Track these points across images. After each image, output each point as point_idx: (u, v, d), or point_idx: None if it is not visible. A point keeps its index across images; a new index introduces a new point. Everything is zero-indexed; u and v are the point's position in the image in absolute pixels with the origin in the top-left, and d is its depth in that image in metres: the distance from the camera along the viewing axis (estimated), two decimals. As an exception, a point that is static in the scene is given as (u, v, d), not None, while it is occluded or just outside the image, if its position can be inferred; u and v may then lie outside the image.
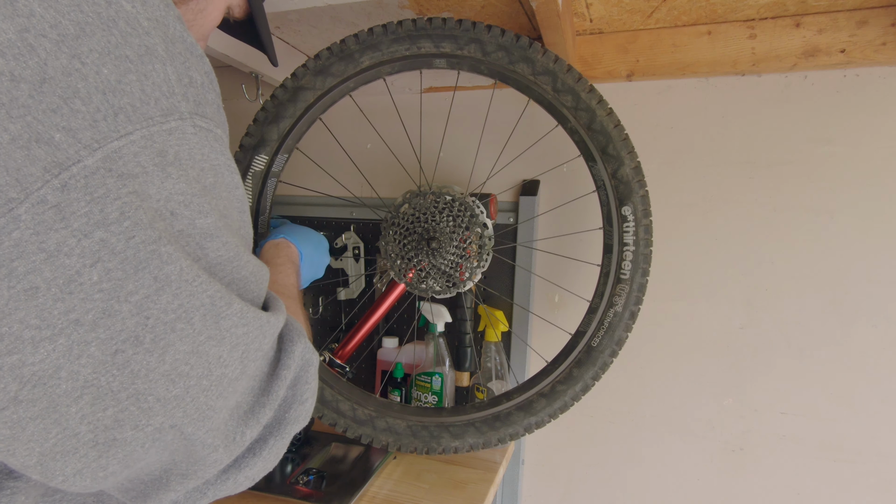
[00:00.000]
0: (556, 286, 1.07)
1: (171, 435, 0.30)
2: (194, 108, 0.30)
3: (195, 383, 0.29)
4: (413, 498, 0.85)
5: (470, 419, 0.86)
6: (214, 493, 0.36)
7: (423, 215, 0.87)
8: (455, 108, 1.12)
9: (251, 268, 0.34)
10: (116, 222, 0.25)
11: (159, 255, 0.26)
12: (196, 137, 0.29)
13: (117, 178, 0.25)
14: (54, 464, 0.27)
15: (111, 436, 0.28)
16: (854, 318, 0.89)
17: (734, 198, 0.94)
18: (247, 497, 0.85)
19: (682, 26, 0.90)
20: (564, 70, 0.78)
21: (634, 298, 0.80)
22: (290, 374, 0.38)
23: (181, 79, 0.29)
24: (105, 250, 0.25)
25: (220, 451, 0.33)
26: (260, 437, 0.37)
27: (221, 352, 0.30)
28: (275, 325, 0.35)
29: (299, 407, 0.39)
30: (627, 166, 0.78)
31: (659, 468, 1.02)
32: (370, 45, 0.82)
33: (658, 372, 1.01)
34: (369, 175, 1.21)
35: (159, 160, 0.27)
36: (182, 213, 0.28)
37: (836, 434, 0.91)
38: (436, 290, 0.88)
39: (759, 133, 0.92)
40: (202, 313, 0.29)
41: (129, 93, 0.26)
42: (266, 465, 0.38)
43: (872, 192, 0.87)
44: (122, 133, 0.25)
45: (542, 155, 1.05)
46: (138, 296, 0.26)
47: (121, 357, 0.26)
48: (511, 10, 0.84)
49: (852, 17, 0.81)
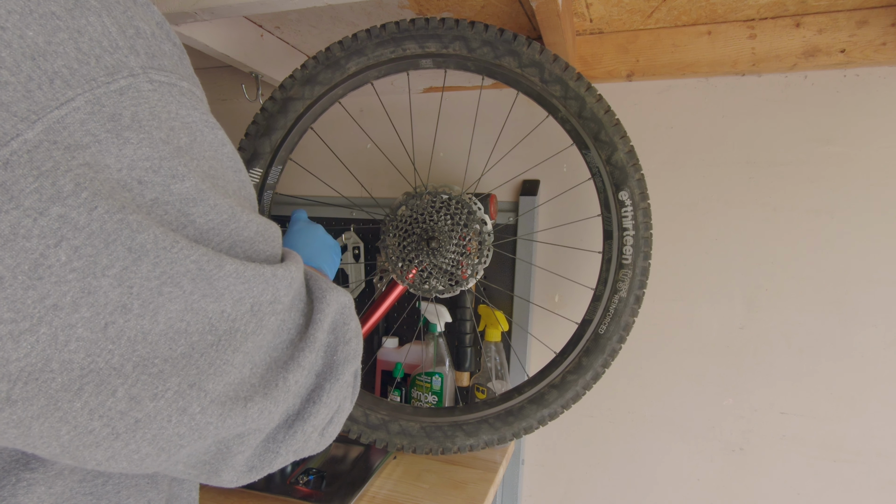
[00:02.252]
0: (557, 276, 1.07)
1: (194, 397, 0.28)
2: (147, 62, 0.27)
3: (199, 339, 0.28)
4: (413, 498, 0.85)
5: (483, 416, 0.86)
6: (287, 448, 0.36)
7: (421, 216, 0.87)
8: (454, 108, 1.12)
9: (255, 227, 0.32)
10: (73, 195, 0.23)
11: (128, 224, 0.24)
12: (156, 94, 0.27)
13: (64, 149, 0.23)
14: (81, 454, 0.26)
15: (131, 419, 0.26)
16: (854, 318, 0.89)
17: (734, 198, 0.94)
18: (247, 497, 0.85)
19: (682, 26, 0.90)
20: (550, 60, 0.78)
21: (638, 283, 0.79)
22: (324, 318, 0.37)
23: (124, 30, 0.26)
24: (67, 227, 0.23)
25: (260, 399, 0.31)
26: (315, 386, 0.37)
27: (223, 307, 0.28)
28: (285, 277, 0.33)
29: (345, 347, 0.39)
30: (621, 151, 0.78)
31: (659, 468, 1.02)
32: (355, 51, 0.82)
33: (658, 372, 1.01)
34: (370, 175, 1.21)
35: (112, 125, 0.24)
36: (152, 180, 0.26)
37: (836, 434, 0.91)
38: (439, 289, 0.88)
39: (759, 133, 0.92)
40: (190, 278, 0.27)
41: (62, 54, 0.23)
42: (329, 412, 0.38)
43: (872, 192, 0.87)
44: (61, 101, 0.23)
45: (542, 155, 1.05)
46: (115, 268, 0.24)
47: (112, 329, 0.25)
48: (511, 10, 0.84)
49: (852, 17, 0.81)
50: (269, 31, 0.98)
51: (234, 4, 0.71)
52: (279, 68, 1.04)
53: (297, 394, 0.35)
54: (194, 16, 0.74)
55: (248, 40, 0.95)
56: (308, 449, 0.38)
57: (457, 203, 0.86)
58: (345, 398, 0.40)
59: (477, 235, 0.86)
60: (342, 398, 0.39)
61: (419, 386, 1.07)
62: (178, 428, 0.28)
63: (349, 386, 0.41)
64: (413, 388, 1.08)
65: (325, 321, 0.37)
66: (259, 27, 0.96)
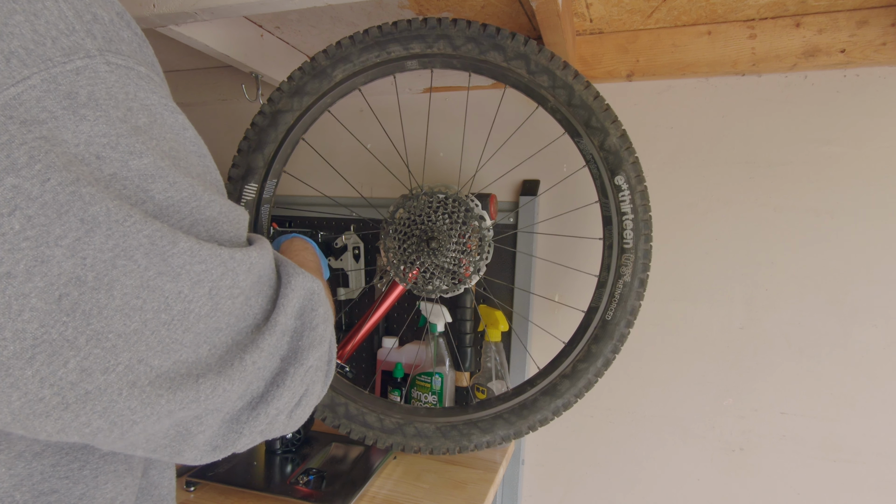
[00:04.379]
0: (559, 271, 1.07)
1: (143, 372, 0.29)
2: (104, 45, 0.28)
3: (152, 317, 0.28)
4: (413, 498, 0.85)
5: (497, 411, 0.86)
6: (251, 429, 0.36)
7: (419, 217, 0.87)
8: (455, 108, 1.12)
9: (218, 208, 0.33)
10: (27, 166, 0.24)
11: (81, 197, 0.25)
12: (113, 76, 0.28)
13: (20, 124, 0.24)
14: (31, 423, 0.27)
15: (82, 390, 0.27)
16: (854, 318, 0.89)
17: (734, 198, 0.94)
18: (247, 497, 0.85)
19: (682, 26, 0.90)
20: (536, 51, 0.78)
21: (641, 266, 0.79)
22: (289, 303, 0.38)
23: (81, 16, 0.27)
24: (20, 196, 0.24)
25: (213, 377, 0.32)
26: (280, 370, 0.37)
27: (181, 287, 0.29)
28: (244, 261, 0.34)
29: (311, 333, 0.39)
30: (613, 136, 0.78)
31: (659, 468, 1.02)
32: (341, 58, 0.82)
33: (658, 372, 1.01)
34: (371, 175, 1.21)
35: (68, 102, 0.26)
36: (110, 155, 0.27)
37: (836, 434, 0.91)
38: (442, 289, 0.87)
39: (759, 133, 0.92)
40: (143, 252, 0.27)
41: (18, 35, 0.25)
42: (295, 396, 0.38)
43: (872, 192, 0.87)
44: (17, 79, 0.24)
45: (542, 154, 1.05)
46: (68, 239, 0.25)
47: (67, 301, 0.25)
48: (511, 10, 0.84)
49: (852, 17, 0.81)
50: (269, 31, 0.98)
51: (234, 4, 0.71)
52: (279, 68, 1.04)
53: (257, 376, 0.36)
54: (194, 16, 0.74)
55: (248, 40, 0.95)
56: (276, 430, 0.39)
57: (454, 201, 0.86)
58: (314, 382, 0.41)
59: (476, 232, 0.86)
60: (310, 382, 0.40)
61: (419, 386, 1.07)
62: (128, 401, 0.29)
63: (318, 370, 0.41)
64: (413, 388, 1.08)
65: (290, 306, 0.38)
66: (259, 27, 0.96)
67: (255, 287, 0.36)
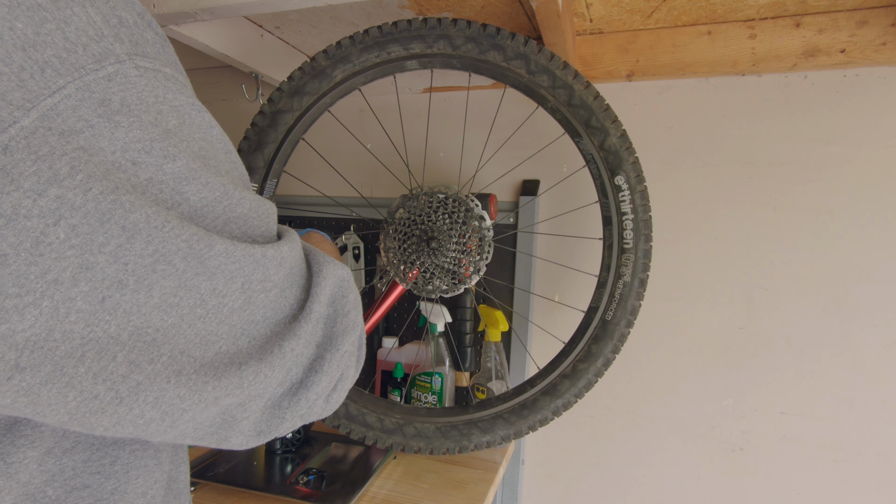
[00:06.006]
0: (559, 271, 1.07)
1: (186, 362, 0.30)
2: (131, 49, 0.28)
3: (188, 311, 0.30)
4: (413, 498, 0.85)
5: (497, 411, 0.86)
6: (293, 413, 0.38)
7: (419, 217, 0.87)
8: (456, 108, 1.12)
9: (248, 204, 0.34)
10: (69, 177, 0.24)
11: (121, 205, 0.26)
12: (142, 80, 0.28)
13: (59, 135, 0.24)
14: (88, 420, 0.28)
15: (133, 382, 0.28)
16: (854, 318, 0.89)
17: (734, 198, 0.94)
18: (247, 497, 0.85)
19: (682, 26, 0.90)
20: (535, 51, 0.78)
21: (641, 266, 0.80)
22: (321, 291, 0.39)
23: (108, 20, 0.27)
24: (64, 207, 0.24)
25: (255, 364, 0.33)
26: (317, 356, 0.39)
27: (216, 284, 0.30)
28: (275, 257, 0.35)
29: (343, 319, 0.41)
30: (613, 136, 0.78)
31: (659, 468, 1.02)
32: (341, 58, 0.82)
33: (658, 372, 1.01)
34: (371, 175, 1.21)
35: (103, 110, 0.26)
36: (145, 160, 0.27)
37: (836, 434, 0.91)
38: (442, 289, 0.88)
39: (759, 133, 0.92)
40: (182, 256, 0.28)
41: (51, 44, 0.25)
42: (332, 380, 0.40)
43: (872, 192, 0.87)
44: (53, 89, 0.24)
45: (542, 154, 1.05)
46: (111, 245, 0.26)
47: (109, 302, 0.26)
48: (511, 10, 0.84)
49: (852, 17, 0.81)
50: (269, 31, 0.98)
51: (234, 4, 0.71)
52: (279, 68, 1.04)
53: (295, 362, 0.37)
54: (194, 16, 0.74)
55: (248, 40, 0.95)
56: (314, 414, 0.40)
57: (454, 201, 0.86)
58: (348, 366, 0.42)
59: (476, 232, 0.86)
60: (345, 366, 0.42)
61: (419, 386, 1.07)
62: (177, 389, 0.30)
63: (351, 355, 0.43)
64: (413, 388, 1.08)
65: (323, 294, 0.39)
66: (259, 27, 0.96)
67: (288, 279, 0.37)
